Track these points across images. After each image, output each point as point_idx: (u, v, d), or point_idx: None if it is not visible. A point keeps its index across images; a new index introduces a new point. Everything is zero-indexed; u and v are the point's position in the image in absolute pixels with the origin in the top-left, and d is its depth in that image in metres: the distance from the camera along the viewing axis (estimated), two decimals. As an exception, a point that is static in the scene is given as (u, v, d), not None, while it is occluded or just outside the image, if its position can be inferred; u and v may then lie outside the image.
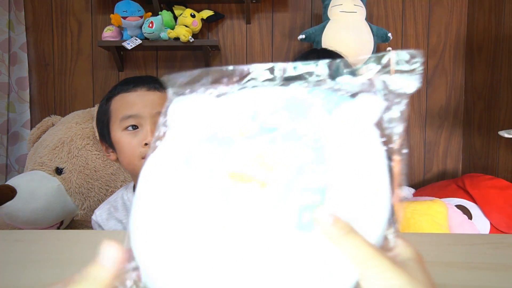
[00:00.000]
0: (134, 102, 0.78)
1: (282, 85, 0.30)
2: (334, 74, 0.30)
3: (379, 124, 0.28)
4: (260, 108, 0.28)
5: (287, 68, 0.29)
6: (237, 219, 0.23)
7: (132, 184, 0.91)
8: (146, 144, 0.75)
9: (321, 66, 0.29)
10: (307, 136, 0.26)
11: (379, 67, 0.28)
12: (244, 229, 0.23)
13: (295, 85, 0.30)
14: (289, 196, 0.24)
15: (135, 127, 0.78)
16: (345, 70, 0.29)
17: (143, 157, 0.76)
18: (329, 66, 0.29)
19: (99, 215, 0.86)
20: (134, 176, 0.84)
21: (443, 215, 1.39)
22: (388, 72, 0.28)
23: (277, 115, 0.27)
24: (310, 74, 0.29)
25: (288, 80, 0.29)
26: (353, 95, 0.29)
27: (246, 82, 0.29)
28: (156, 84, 0.82)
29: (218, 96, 0.30)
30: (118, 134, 0.79)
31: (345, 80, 0.29)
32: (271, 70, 0.29)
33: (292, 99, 0.29)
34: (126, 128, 0.78)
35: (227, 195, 0.24)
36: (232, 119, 0.27)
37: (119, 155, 0.81)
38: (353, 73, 0.29)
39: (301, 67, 0.29)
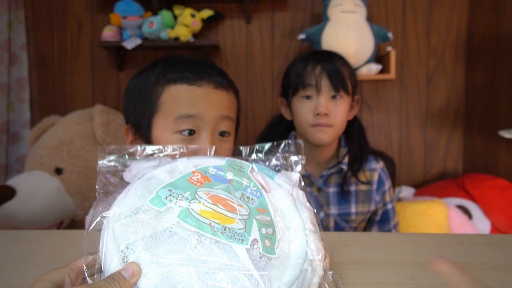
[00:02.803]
0: (197, 100, 0.63)
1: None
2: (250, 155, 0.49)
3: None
4: (209, 165, 0.44)
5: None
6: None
7: None
8: None
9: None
10: (249, 187, 0.42)
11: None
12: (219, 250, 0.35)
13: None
14: (252, 229, 0.37)
15: (192, 131, 0.62)
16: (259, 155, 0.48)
17: None
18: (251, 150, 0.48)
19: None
20: None
21: (443, 215, 1.39)
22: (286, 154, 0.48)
23: (224, 171, 0.44)
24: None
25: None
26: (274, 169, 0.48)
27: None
28: (224, 80, 0.67)
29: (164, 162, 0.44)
30: (166, 137, 0.63)
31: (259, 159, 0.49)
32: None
33: (232, 161, 0.45)
34: (181, 131, 0.62)
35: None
36: (189, 174, 0.42)
37: None
38: (267, 155, 0.49)
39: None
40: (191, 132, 0.63)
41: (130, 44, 1.68)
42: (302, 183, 0.46)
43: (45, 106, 1.94)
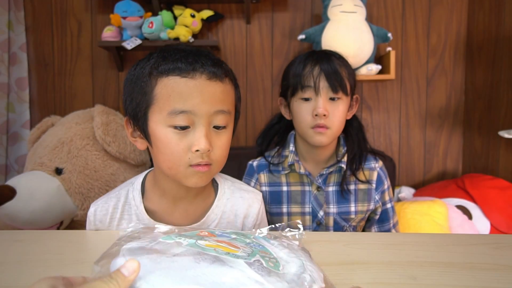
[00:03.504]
0: (190, 94, 0.61)
1: None
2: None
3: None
4: (216, 230, 0.51)
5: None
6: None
7: (139, 181, 0.75)
8: (197, 150, 0.62)
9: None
10: (250, 238, 0.49)
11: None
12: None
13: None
14: (255, 256, 0.41)
15: (185, 127, 0.62)
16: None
17: (192, 165, 0.64)
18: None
19: (95, 212, 0.74)
20: (172, 181, 0.69)
21: (443, 215, 1.40)
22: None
23: (228, 234, 0.50)
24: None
25: None
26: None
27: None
28: (219, 70, 0.65)
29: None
30: (161, 130, 0.63)
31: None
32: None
33: (236, 231, 0.52)
34: (174, 126, 0.62)
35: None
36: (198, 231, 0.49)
37: (156, 152, 0.66)
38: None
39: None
40: (184, 128, 0.62)
41: (130, 44, 1.68)
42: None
43: (45, 106, 1.94)
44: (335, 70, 0.92)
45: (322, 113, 0.91)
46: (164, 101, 0.62)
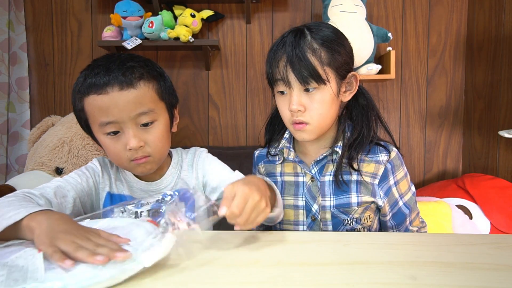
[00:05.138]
0: (108, 107, 0.71)
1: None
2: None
3: None
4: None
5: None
6: None
7: None
8: (130, 149, 0.74)
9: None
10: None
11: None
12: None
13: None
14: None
15: (116, 132, 0.74)
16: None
17: (132, 160, 0.75)
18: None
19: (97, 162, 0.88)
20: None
21: (447, 216, 1.40)
22: None
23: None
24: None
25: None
26: None
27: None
28: (130, 77, 0.73)
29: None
30: (100, 137, 0.76)
31: None
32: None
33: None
34: (107, 133, 0.74)
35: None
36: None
37: (107, 154, 0.79)
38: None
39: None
40: (116, 132, 0.73)
41: (130, 44, 1.68)
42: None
43: (45, 106, 1.94)
44: (303, 57, 0.76)
45: (295, 110, 0.78)
46: (92, 116, 0.74)
